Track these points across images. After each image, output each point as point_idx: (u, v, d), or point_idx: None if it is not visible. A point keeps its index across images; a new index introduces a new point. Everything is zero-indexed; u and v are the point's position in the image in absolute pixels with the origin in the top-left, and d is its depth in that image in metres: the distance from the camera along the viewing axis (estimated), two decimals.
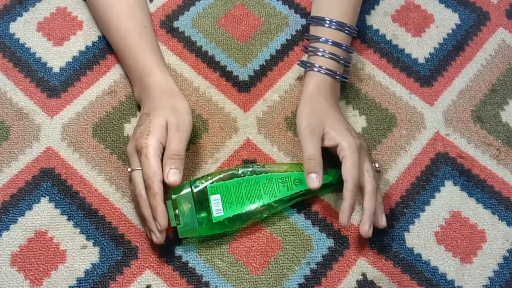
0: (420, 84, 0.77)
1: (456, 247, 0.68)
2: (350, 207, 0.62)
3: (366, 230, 0.63)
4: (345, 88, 0.76)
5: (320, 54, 0.71)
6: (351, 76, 0.77)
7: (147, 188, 0.61)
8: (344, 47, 0.71)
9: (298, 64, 0.76)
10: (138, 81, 0.70)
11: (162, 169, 0.61)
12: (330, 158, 0.72)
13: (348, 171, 0.62)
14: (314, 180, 0.62)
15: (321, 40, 0.71)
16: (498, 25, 0.82)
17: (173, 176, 0.61)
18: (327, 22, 0.72)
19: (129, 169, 0.64)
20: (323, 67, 0.70)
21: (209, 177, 0.65)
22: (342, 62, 0.71)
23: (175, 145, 0.62)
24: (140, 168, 0.62)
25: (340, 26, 0.71)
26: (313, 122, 0.66)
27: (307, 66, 0.72)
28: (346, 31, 0.72)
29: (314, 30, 0.74)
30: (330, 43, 0.71)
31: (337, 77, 0.71)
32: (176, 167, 0.61)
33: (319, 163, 0.63)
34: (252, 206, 0.65)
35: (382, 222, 0.65)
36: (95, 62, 0.75)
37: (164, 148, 0.63)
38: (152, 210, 0.61)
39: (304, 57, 0.76)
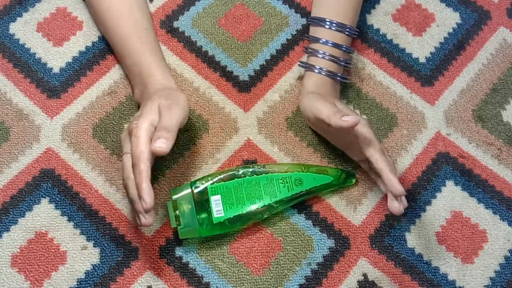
0: (421, 84, 0.77)
1: (457, 247, 0.68)
2: (393, 173, 0.61)
3: (397, 206, 0.61)
4: (346, 88, 0.75)
5: (320, 55, 0.70)
6: (352, 76, 0.76)
7: (133, 166, 0.58)
8: (344, 48, 0.71)
9: (299, 64, 0.75)
10: (139, 82, 0.70)
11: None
12: (332, 158, 0.72)
13: (367, 146, 0.63)
14: (347, 118, 0.60)
15: (321, 41, 0.71)
16: (499, 24, 0.82)
17: (159, 143, 0.56)
18: (328, 23, 0.71)
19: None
20: (323, 69, 0.70)
21: (209, 178, 0.65)
22: (342, 63, 0.71)
23: (164, 121, 0.60)
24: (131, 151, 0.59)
25: (341, 27, 0.71)
26: (326, 99, 0.66)
27: (307, 67, 0.72)
28: (347, 32, 0.71)
29: (314, 31, 0.73)
30: (330, 44, 0.71)
31: (338, 78, 0.71)
32: (163, 137, 0.57)
33: (343, 112, 0.62)
34: (253, 207, 0.65)
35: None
36: (95, 62, 0.75)
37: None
38: (138, 188, 0.57)
39: (304, 58, 0.76)
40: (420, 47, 0.79)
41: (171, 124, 0.60)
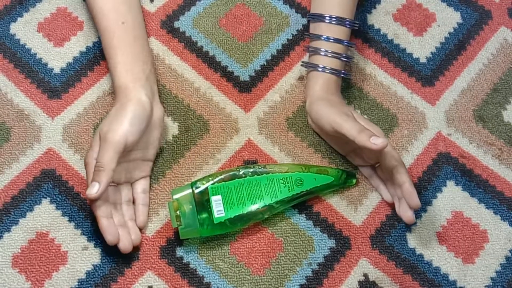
0: (421, 84, 0.77)
1: (458, 248, 0.68)
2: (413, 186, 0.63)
3: (411, 216, 0.64)
4: (347, 88, 0.75)
5: (322, 53, 0.70)
6: (353, 76, 0.76)
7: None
8: (345, 43, 0.71)
9: (301, 65, 0.75)
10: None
11: None
12: (333, 158, 0.72)
13: (391, 158, 0.64)
14: (377, 141, 0.60)
15: (322, 38, 0.71)
16: (500, 24, 0.82)
17: (89, 190, 0.59)
18: (327, 17, 0.71)
19: None
20: (327, 67, 0.70)
21: (210, 178, 0.65)
22: (344, 59, 0.71)
23: (98, 157, 0.61)
24: None
25: (340, 20, 0.71)
26: (342, 110, 0.66)
27: (310, 66, 0.72)
28: (347, 25, 0.71)
29: (314, 28, 0.73)
30: (332, 40, 0.71)
31: (341, 75, 0.71)
32: (95, 180, 0.60)
33: (369, 131, 0.62)
34: (253, 207, 0.65)
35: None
36: (96, 62, 0.75)
37: None
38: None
39: (305, 58, 0.76)
40: (421, 47, 0.79)
41: (104, 160, 0.60)
